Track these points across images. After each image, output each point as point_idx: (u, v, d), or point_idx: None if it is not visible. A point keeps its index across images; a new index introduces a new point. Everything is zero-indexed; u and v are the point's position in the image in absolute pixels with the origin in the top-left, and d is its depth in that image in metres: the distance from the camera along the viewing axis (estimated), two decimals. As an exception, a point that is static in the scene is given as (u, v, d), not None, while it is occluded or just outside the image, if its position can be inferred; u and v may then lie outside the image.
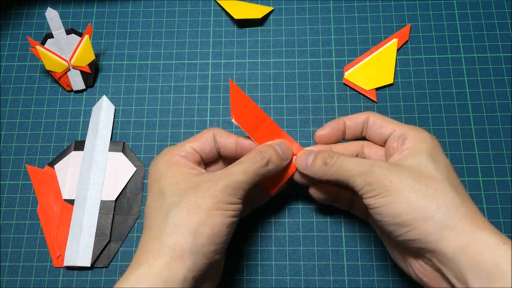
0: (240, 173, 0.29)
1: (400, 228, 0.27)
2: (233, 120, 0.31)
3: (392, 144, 0.31)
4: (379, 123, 0.32)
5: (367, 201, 0.28)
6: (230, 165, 0.30)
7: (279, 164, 0.31)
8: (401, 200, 0.26)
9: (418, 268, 0.28)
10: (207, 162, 0.33)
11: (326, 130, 0.34)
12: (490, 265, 0.23)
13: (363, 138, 0.34)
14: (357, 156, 0.34)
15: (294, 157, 0.34)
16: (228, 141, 0.32)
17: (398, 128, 0.31)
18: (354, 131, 0.34)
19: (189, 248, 0.26)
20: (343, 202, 0.35)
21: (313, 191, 0.34)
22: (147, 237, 0.28)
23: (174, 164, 0.30)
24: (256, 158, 0.30)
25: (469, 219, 0.25)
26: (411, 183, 0.26)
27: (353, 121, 0.33)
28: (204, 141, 0.32)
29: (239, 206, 0.29)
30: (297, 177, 0.34)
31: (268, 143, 0.33)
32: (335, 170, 0.30)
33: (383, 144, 0.33)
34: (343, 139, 0.34)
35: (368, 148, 0.33)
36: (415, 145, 0.29)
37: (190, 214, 0.27)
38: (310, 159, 0.32)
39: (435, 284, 0.27)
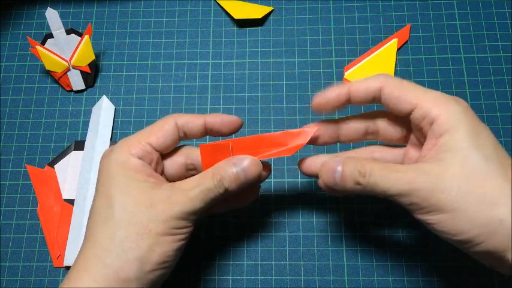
0: (199, 199, 0.27)
1: (463, 244, 0.24)
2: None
3: (418, 126, 0.26)
4: (395, 96, 0.26)
5: (418, 217, 0.25)
6: (186, 185, 0.27)
7: (241, 186, 0.28)
8: (458, 217, 0.23)
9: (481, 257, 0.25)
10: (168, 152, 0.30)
11: (327, 96, 0.28)
12: None
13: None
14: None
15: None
16: (195, 123, 0.29)
17: (421, 103, 0.25)
18: (360, 103, 0.28)
19: (135, 276, 0.25)
20: None
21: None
22: (89, 254, 0.26)
23: (129, 169, 0.27)
24: (215, 184, 0.27)
25: None
26: (463, 195, 0.22)
27: (361, 94, 0.28)
28: (164, 134, 0.29)
29: (190, 228, 0.27)
30: (324, 189, 0.29)
31: (232, 161, 0.28)
32: (371, 189, 0.25)
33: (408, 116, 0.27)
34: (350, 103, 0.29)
35: (379, 153, 0.30)
36: (449, 132, 0.24)
37: (139, 239, 0.25)
38: (338, 176, 0.27)
39: (497, 265, 0.25)
